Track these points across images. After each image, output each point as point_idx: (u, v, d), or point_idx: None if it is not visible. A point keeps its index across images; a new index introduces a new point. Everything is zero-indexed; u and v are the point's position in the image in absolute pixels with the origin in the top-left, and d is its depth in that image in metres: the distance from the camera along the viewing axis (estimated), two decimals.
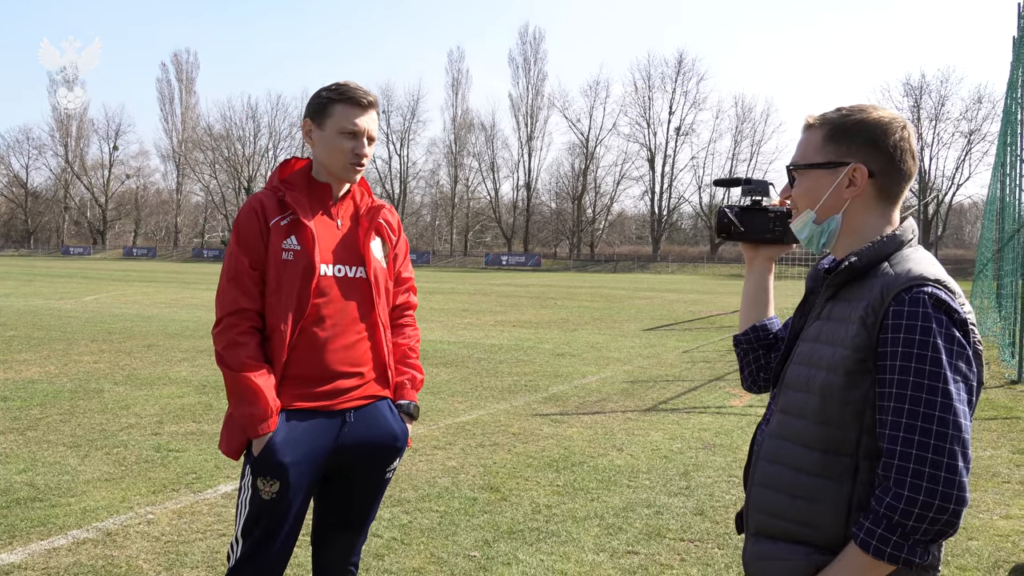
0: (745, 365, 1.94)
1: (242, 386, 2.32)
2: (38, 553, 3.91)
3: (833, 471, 1.54)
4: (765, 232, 1.90)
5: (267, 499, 2.34)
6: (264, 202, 2.42)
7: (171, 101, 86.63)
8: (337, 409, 2.43)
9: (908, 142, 1.62)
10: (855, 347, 1.51)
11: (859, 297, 1.56)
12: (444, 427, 6.77)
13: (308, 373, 2.39)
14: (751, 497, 1.70)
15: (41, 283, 28.05)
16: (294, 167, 2.54)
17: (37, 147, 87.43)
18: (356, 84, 2.48)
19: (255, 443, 2.34)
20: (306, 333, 2.38)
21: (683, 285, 38.05)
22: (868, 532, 1.46)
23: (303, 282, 2.36)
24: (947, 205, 65.53)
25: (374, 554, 3.96)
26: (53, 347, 11.17)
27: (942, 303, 1.48)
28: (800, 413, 1.61)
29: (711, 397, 8.44)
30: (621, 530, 4.37)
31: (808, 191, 1.67)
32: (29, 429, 6.39)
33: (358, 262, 2.48)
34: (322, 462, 2.42)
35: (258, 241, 2.39)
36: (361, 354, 2.47)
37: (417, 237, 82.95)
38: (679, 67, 73.37)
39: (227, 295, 2.38)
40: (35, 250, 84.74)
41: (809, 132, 1.69)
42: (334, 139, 2.42)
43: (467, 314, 18.44)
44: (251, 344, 2.36)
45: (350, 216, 2.54)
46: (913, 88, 64.14)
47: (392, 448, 2.53)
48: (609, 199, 76.93)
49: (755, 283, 1.96)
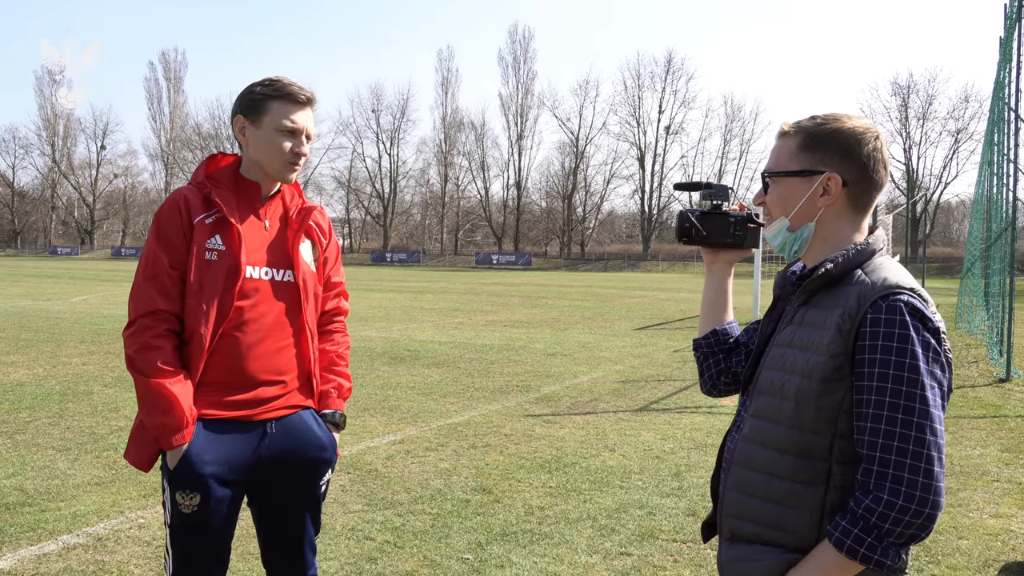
0: (705, 369, 1.95)
1: (156, 393, 2.19)
2: (28, 559, 3.88)
3: (806, 475, 1.57)
4: (726, 236, 1.92)
5: (188, 513, 2.23)
6: (189, 198, 2.30)
7: (159, 100, 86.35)
8: (257, 419, 2.31)
9: (881, 152, 1.65)
10: (831, 353, 1.53)
11: (834, 304, 1.58)
12: (436, 428, 6.76)
13: (227, 380, 2.27)
14: (725, 502, 1.71)
15: (28, 284, 27.84)
16: (220, 163, 2.43)
17: (24, 146, 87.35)
18: (292, 79, 2.37)
19: (170, 455, 2.22)
20: (227, 338, 2.26)
21: (673, 284, 38.14)
22: (843, 531, 1.48)
23: (227, 284, 2.25)
24: (935, 203, 65.91)
25: (367, 557, 3.95)
26: (41, 349, 11.08)
27: (917, 311, 1.51)
28: (774, 418, 1.62)
29: (702, 397, 8.46)
30: (614, 531, 4.38)
31: (782, 198, 1.69)
32: (18, 432, 6.34)
33: (286, 265, 2.37)
34: (243, 474, 2.30)
35: (180, 239, 2.27)
36: (285, 362, 2.35)
37: (407, 236, 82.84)
38: (668, 66, 73.64)
39: (142, 294, 2.26)
40: (22, 250, 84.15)
41: (784, 140, 1.70)
42: (271, 136, 2.32)
43: (458, 314, 18.42)
44: (167, 348, 2.23)
45: (279, 217, 2.42)
46: (901, 87, 64.55)
47: (321, 460, 2.41)
48: (599, 198, 77.16)
49: (715, 287, 1.98)
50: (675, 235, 1.97)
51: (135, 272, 2.32)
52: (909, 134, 63.61)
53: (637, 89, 73.93)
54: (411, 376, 9.34)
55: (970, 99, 62.23)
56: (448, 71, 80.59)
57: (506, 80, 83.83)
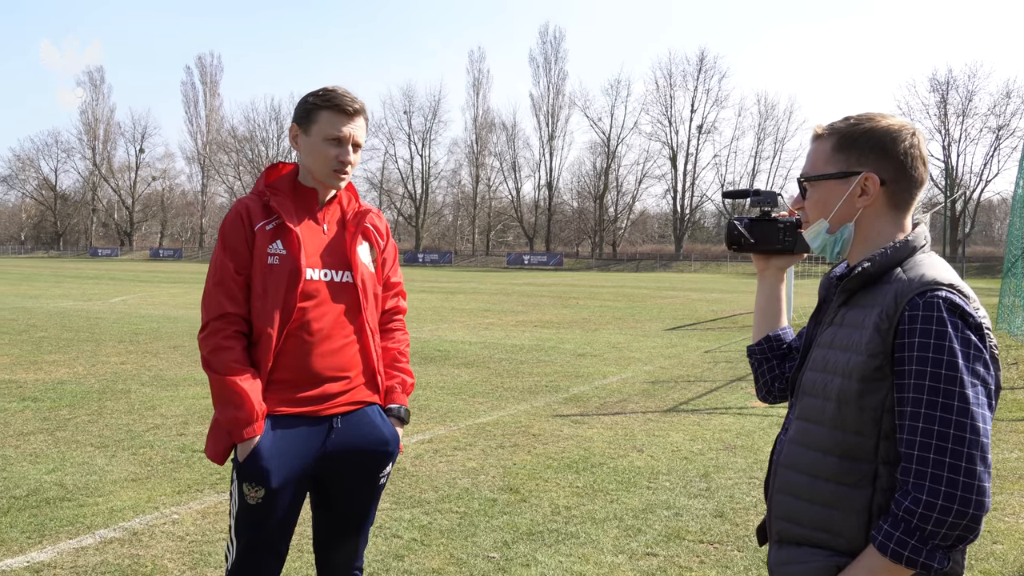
0: (760, 375, 1.95)
1: (228, 390, 2.30)
2: (67, 552, 4.00)
3: (851, 477, 1.55)
4: (775, 243, 1.91)
5: (253, 504, 2.33)
6: (250, 207, 2.41)
7: (195, 104, 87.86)
8: (324, 415, 2.41)
9: (918, 148, 1.62)
10: (870, 353, 1.52)
11: (872, 303, 1.56)
12: (464, 428, 6.80)
13: (294, 378, 2.38)
14: (773, 505, 1.71)
15: (70, 284, 28.48)
16: (280, 172, 2.53)
17: (65, 150, 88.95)
18: (344, 90, 2.45)
19: (240, 448, 2.33)
20: (293, 338, 2.37)
21: (706, 284, 37.83)
22: (886, 535, 1.46)
23: (288, 287, 2.35)
24: (975, 202, 64.53)
25: (394, 555, 4.00)
26: (82, 348, 11.35)
27: (956, 307, 1.48)
28: (817, 419, 1.61)
29: (733, 398, 8.40)
30: (640, 532, 4.37)
31: (820, 201, 1.68)
32: (58, 429, 6.51)
33: (345, 267, 2.46)
34: (308, 468, 2.40)
35: (243, 246, 2.38)
36: (348, 359, 2.44)
37: (439, 237, 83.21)
38: (701, 65, 73.11)
39: (212, 299, 2.38)
40: (64, 252, 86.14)
41: (818, 142, 1.69)
42: (319, 145, 2.41)
43: (488, 314, 18.47)
44: (237, 348, 2.35)
45: (337, 221, 2.52)
46: (940, 83, 63.29)
47: (384, 453, 2.50)
48: (631, 198, 76.80)
49: (767, 294, 1.97)
50: (725, 243, 1.98)
51: (205, 279, 2.44)
52: (948, 131, 62.40)
53: (669, 88, 73.58)
54: (441, 376, 9.40)
55: (1012, 95, 60.84)
56: (479, 72, 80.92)
57: (537, 80, 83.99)
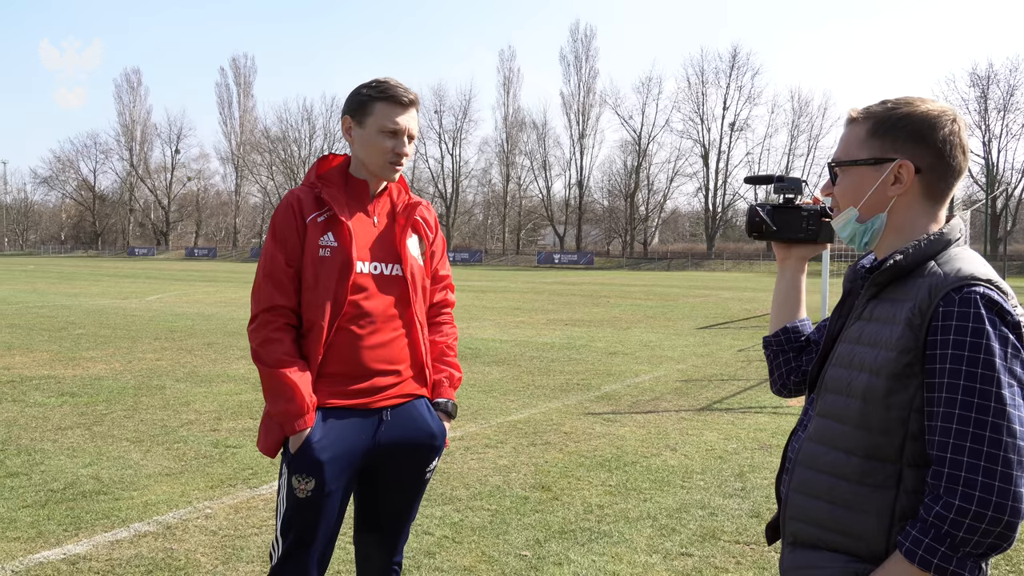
0: (775, 368, 1.88)
1: (278, 382, 2.30)
2: (102, 545, 4.03)
3: (875, 479, 1.48)
4: (798, 231, 1.84)
5: (302, 497, 2.31)
6: (301, 198, 2.40)
7: (229, 105, 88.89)
8: (374, 407, 2.41)
9: (959, 136, 1.54)
10: (901, 349, 1.44)
11: (904, 297, 1.49)
12: (496, 425, 6.77)
13: (345, 371, 2.37)
14: (788, 505, 1.64)
15: (108, 283, 29.02)
16: (332, 163, 2.52)
17: (104, 151, 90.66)
18: (397, 81, 2.43)
19: (292, 440, 2.32)
20: (343, 331, 2.36)
21: (738, 283, 37.43)
22: (915, 541, 1.40)
23: (340, 279, 2.34)
24: (1016, 199, 63.05)
25: (425, 552, 3.98)
26: (118, 345, 11.53)
27: (994, 304, 1.41)
28: (840, 418, 1.54)
29: (767, 397, 8.27)
30: (675, 531, 4.30)
31: (851, 188, 1.60)
32: (95, 424, 6.60)
33: (394, 260, 2.45)
34: (358, 461, 2.40)
35: (294, 237, 2.37)
36: (398, 352, 2.44)
37: (470, 236, 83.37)
38: (733, 61, 72.14)
39: (262, 292, 2.37)
40: (102, 251, 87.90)
41: (852, 126, 1.61)
42: (374, 137, 2.39)
43: (519, 312, 18.44)
44: (287, 340, 2.34)
45: (387, 213, 2.51)
46: (980, 78, 61.69)
47: (430, 447, 2.50)
48: (662, 196, 76.12)
49: (787, 284, 1.90)
50: (745, 230, 1.90)
51: (256, 271, 2.43)
52: (988, 126, 60.94)
53: (701, 85, 72.76)
54: (471, 374, 9.38)
55: None
56: (510, 71, 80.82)
57: (568, 79, 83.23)
